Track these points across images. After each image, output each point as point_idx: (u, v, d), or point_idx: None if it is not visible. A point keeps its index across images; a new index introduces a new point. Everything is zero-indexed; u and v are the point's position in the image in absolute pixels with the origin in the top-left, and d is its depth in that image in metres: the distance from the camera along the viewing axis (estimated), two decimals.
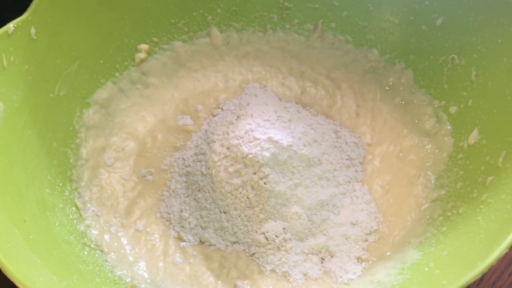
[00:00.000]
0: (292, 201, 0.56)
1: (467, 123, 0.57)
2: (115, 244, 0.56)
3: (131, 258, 0.56)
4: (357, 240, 0.56)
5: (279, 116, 0.60)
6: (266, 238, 0.55)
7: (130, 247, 0.57)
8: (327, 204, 0.57)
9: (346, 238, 0.56)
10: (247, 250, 0.56)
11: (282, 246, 0.55)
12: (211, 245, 0.57)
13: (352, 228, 0.57)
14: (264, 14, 0.67)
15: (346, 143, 0.62)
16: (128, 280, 0.53)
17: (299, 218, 0.56)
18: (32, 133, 0.55)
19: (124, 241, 0.57)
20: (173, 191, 0.60)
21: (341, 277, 0.54)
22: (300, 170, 0.57)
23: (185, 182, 0.60)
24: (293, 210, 0.56)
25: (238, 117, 0.61)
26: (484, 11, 0.58)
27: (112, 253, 0.55)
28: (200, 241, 0.57)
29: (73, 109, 0.60)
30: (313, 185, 0.57)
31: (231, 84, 0.67)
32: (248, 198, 0.56)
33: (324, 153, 0.59)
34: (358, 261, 0.55)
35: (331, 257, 0.55)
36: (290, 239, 0.55)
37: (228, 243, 0.56)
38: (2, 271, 0.43)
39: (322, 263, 0.55)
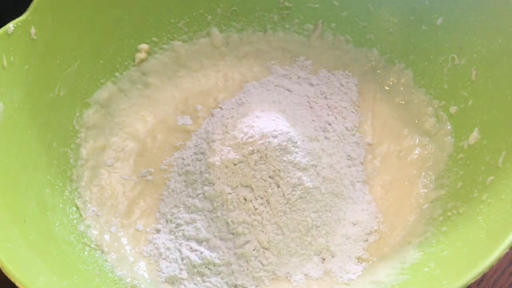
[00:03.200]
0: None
1: (467, 123, 0.57)
2: (115, 244, 0.56)
3: (131, 258, 0.56)
4: (358, 240, 0.56)
5: (279, 116, 0.60)
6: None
7: (130, 247, 0.57)
8: (327, 204, 0.57)
9: (346, 238, 0.56)
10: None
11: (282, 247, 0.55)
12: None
13: (352, 228, 0.57)
14: (264, 14, 0.67)
15: (347, 143, 0.62)
16: (128, 280, 0.53)
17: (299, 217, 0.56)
18: (32, 133, 0.55)
19: (124, 241, 0.57)
20: (172, 191, 0.60)
21: (341, 277, 0.54)
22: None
23: (184, 181, 0.60)
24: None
25: (237, 117, 0.61)
26: (484, 11, 0.58)
27: (112, 253, 0.55)
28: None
29: (73, 109, 0.60)
30: (314, 184, 0.57)
31: (231, 84, 0.67)
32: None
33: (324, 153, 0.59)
34: (358, 261, 0.55)
35: (332, 257, 0.55)
36: (291, 239, 0.55)
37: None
38: (2, 271, 0.43)
39: (323, 263, 0.55)
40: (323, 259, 0.55)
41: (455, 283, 0.42)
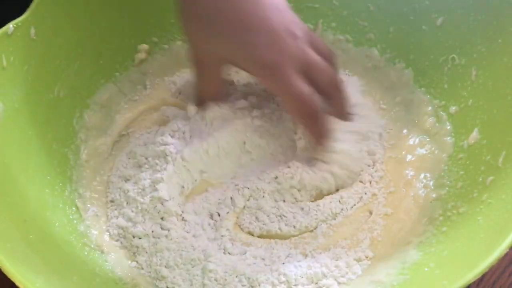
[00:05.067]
0: None
1: (467, 123, 0.57)
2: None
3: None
4: (358, 240, 0.56)
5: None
6: None
7: None
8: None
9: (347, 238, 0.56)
10: None
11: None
12: None
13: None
14: None
15: None
16: (128, 280, 0.53)
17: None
18: (32, 133, 0.55)
19: None
20: None
21: (341, 277, 0.53)
22: None
23: None
24: None
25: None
26: (484, 11, 0.58)
27: (112, 253, 0.55)
28: None
29: (73, 110, 0.60)
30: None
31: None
32: None
33: None
34: (358, 261, 0.55)
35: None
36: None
37: None
38: (2, 271, 0.43)
39: None
40: None
41: (455, 283, 0.42)
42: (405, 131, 0.62)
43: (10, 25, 0.53)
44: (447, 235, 0.51)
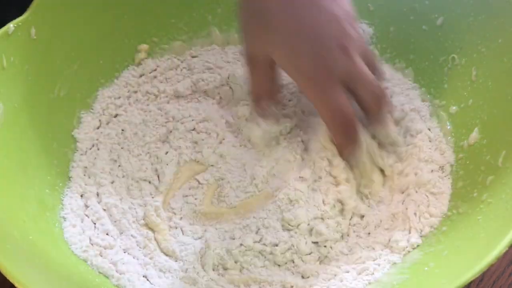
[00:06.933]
0: None
1: (467, 123, 0.57)
2: None
3: None
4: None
5: None
6: None
7: None
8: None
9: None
10: None
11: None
12: None
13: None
14: None
15: None
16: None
17: None
18: (32, 133, 0.55)
19: None
20: None
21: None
22: None
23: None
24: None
25: None
26: (484, 11, 0.58)
27: None
28: None
29: (73, 109, 0.60)
30: None
31: None
32: None
33: None
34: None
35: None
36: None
37: None
38: (2, 272, 0.43)
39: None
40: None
41: (455, 282, 0.42)
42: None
43: (10, 25, 0.53)
44: (447, 235, 0.51)
